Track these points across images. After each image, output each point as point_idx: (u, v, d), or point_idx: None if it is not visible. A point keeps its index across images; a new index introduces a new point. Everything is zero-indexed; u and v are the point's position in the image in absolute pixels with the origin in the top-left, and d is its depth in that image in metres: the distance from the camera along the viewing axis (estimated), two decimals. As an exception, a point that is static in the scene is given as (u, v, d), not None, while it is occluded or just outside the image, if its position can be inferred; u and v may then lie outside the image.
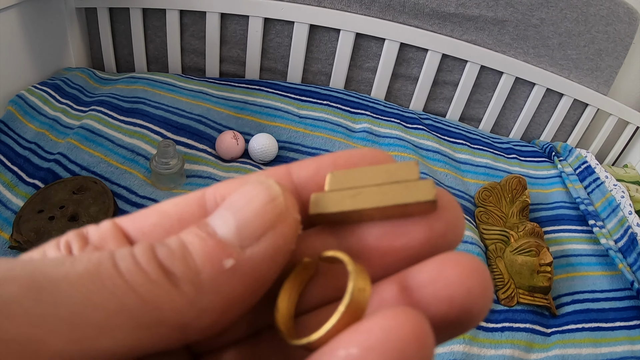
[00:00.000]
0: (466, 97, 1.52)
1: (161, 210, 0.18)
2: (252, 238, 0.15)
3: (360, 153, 0.19)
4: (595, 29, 1.44)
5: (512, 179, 1.20)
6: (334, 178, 0.18)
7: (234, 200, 0.16)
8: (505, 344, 0.93)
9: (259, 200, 0.16)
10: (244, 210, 0.16)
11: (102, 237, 0.17)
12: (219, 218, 0.16)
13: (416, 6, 1.36)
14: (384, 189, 0.17)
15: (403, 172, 0.17)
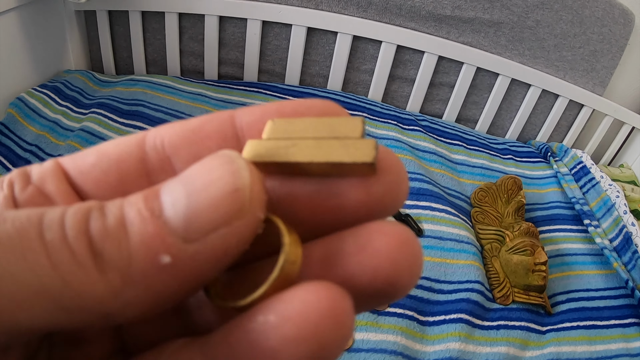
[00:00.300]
0: (462, 98, 1.53)
1: (101, 151, 0.17)
2: (201, 232, 0.13)
3: (310, 103, 0.17)
4: (591, 30, 1.46)
5: (507, 180, 1.22)
6: (275, 126, 0.17)
7: (192, 176, 0.14)
8: (500, 341, 0.94)
9: (220, 186, 0.14)
10: (200, 195, 0.14)
11: (42, 177, 0.16)
12: (169, 193, 0.14)
13: (412, 9, 1.38)
14: (321, 143, 0.16)
15: (346, 128, 0.16)
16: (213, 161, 0.14)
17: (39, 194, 0.16)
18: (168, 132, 0.17)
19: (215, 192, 0.13)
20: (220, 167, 0.14)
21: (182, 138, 0.17)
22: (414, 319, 0.92)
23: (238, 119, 0.17)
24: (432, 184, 1.20)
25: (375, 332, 0.87)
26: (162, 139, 0.17)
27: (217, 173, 0.14)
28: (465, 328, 0.92)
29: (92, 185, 0.17)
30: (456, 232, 1.09)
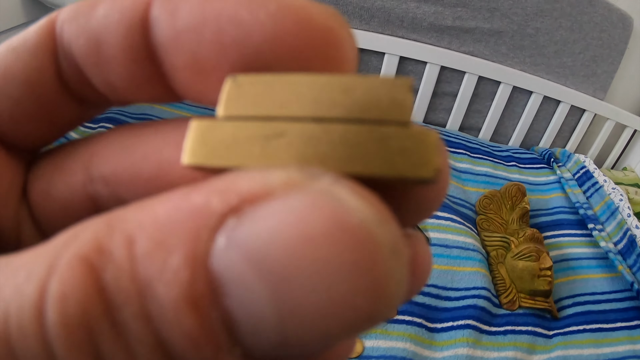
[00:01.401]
0: (465, 107, 1.55)
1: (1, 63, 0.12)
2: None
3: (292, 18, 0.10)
4: (590, 36, 1.47)
5: (511, 187, 1.23)
6: (239, 90, 0.10)
7: (290, 270, 0.07)
8: (508, 346, 0.95)
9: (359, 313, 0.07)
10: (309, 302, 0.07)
11: None
12: (243, 298, 0.07)
13: (414, 20, 1.40)
14: (334, 132, 0.09)
15: (380, 101, 0.09)
16: (331, 242, 0.07)
17: None
18: (73, 31, 0.12)
19: (337, 292, 0.07)
20: (349, 270, 0.07)
21: (87, 50, 0.12)
22: (422, 326, 0.94)
23: (154, 24, 0.11)
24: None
25: (385, 339, 0.89)
26: (70, 45, 0.12)
27: (343, 286, 0.07)
28: (473, 334, 0.94)
29: (7, 117, 0.13)
30: (462, 240, 1.11)
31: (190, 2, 0.10)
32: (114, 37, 0.11)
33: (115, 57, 0.11)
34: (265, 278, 0.07)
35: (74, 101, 0.13)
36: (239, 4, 0.10)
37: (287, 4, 0.10)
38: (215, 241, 0.07)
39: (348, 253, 0.07)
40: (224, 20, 0.10)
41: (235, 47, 0.10)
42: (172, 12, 0.11)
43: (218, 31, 0.10)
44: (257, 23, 0.10)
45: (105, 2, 0.11)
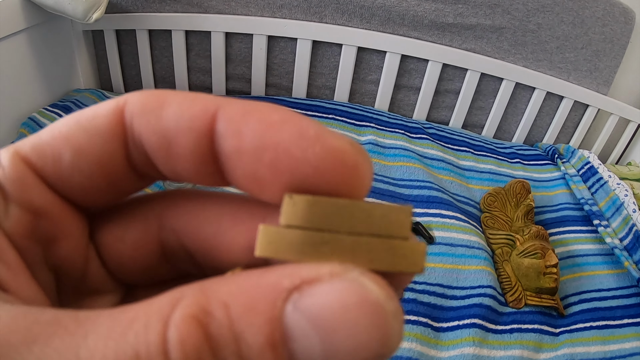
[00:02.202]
0: (468, 104, 1.55)
1: (75, 147, 0.14)
2: None
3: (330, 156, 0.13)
4: (592, 31, 1.47)
5: (515, 184, 1.23)
6: (295, 208, 0.13)
7: (329, 326, 0.11)
8: (514, 344, 0.95)
9: (367, 355, 0.11)
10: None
11: (16, 186, 0.14)
12: (302, 348, 0.11)
13: (415, 18, 1.39)
14: (361, 243, 0.13)
15: (390, 222, 0.13)
16: (359, 313, 0.11)
17: (27, 215, 0.14)
18: (143, 125, 0.14)
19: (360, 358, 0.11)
20: (370, 331, 0.11)
21: (157, 144, 0.14)
22: (428, 325, 0.93)
23: (221, 140, 0.14)
24: (442, 191, 1.22)
25: (391, 340, 0.89)
26: (140, 135, 0.14)
27: (364, 339, 0.11)
28: (479, 333, 0.93)
29: (77, 188, 0.15)
30: (467, 238, 1.10)
31: (252, 128, 0.13)
32: (185, 141, 0.14)
33: (184, 156, 0.14)
34: (317, 330, 0.11)
35: (138, 177, 0.15)
36: (292, 141, 0.13)
37: (328, 146, 0.13)
38: (286, 307, 0.11)
39: (369, 317, 0.11)
40: (280, 151, 0.13)
41: (287, 172, 0.13)
42: (236, 132, 0.13)
43: (274, 159, 0.13)
44: (306, 159, 0.13)
45: (173, 104, 0.14)
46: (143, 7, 1.36)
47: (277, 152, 0.13)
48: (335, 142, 0.13)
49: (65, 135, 0.14)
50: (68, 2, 1.10)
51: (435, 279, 1.02)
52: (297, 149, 0.13)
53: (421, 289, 1.00)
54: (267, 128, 0.13)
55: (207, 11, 1.37)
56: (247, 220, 0.15)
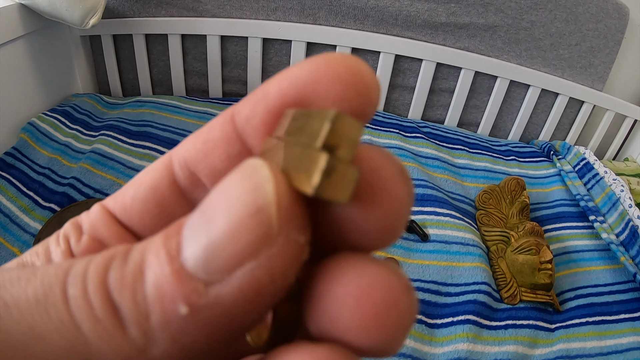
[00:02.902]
0: (463, 103, 1.55)
1: (136, 182, 0.17)
2: (222, 271, 0.11)
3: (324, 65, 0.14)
4: (586, 27, 1.47)
5: (510, 181, 1.23)
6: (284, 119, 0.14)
7: (211, 202, 0.12)
8: (509, 340, 0.95)
9: (239, 209, 0.11)
10: (217, 224, 0.11)
11: (92, 223, 0.17)
12: (190, 227, 0.12)
13: (408, 18, 1.40)
14: (292, 147, 0.13)
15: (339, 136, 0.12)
16: (233, 178, 0.12)
17: (93, 241, 0.17)
18: (187, 148, 0.16)
19: (233, 217, 0.11)
20: (239, 184, 0.12)
21: (197, 152, 0.16)
22: (422, 322, 0.94)
23: (237, 116, 0.15)
24: (436, 190, 1.22)
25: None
26: (184, 156, 0.16)
27: (234, 193, 0.11)
28: (473, 329, 0.94)
29: (137, 218, 0.17)
30: (461, 235, 1.11)
31: (258, 89, 0.15)
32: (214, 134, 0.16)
33: (216, 145, 0.16)
34: (201, 209, 0.12)
35: (184, 201, 0.17)
36: (288, 68, 0.14)
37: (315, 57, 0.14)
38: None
39: (246, 203, 0.11)
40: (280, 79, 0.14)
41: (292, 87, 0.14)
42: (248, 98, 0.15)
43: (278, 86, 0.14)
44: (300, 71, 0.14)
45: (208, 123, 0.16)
46: (139, 12, 1.37)
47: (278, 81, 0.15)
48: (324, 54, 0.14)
49: (132, 179, 0.17)
50: (65, 8, 1.11)
51: (429, 276, 1.03)
52: (291, 68, 0.14)
53: (415, 286, 1.00)
54: (269, 80, 0.15)
55: (203, 15, 1.39)
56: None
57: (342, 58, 0.14)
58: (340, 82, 0.13)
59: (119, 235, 0.17)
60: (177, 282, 0.11)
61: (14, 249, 0.93)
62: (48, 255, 0.16)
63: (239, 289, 0.11)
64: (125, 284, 0.12)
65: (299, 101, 0.14)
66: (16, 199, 1.02)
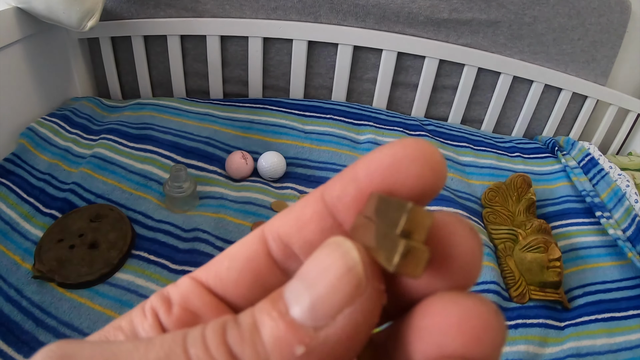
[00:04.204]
0: (466, 99, 1.54)
1: (231, 255, 0.19)
2: (327, 317, 0.14)
3: (403, 149, 0.16)
4: (588, 22, 1.46)
5: (516, 178, 1.22)
6: (370, 201, 0.17)
7: (308, 270, 0.15)
8: (519, 340, 0.94)
9: (334, 271, 0.14)
10: (318, 285, 0.14)
11: (183, 297, 0.18)
12: (292, 292, 0.15)
13: (410, 15, 1.39)
14: (379, 231, 0.15)
15: (414, 224, 0.15)
16: (323, 251, 0.15)
17: (184, 312, 0.18)
18: (280, 224, 0.18)
19: (331, 277, 0.14)
20: (330, 254, 0.15)
21: (291, 227, 0.18)
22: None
23: (327, 194, 0.18)
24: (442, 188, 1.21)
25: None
26: (278, 231, 0.18)
27: (328, 260, 0.15)
28: (483, 329, 0.93)
29: (232, 287, 0.18)
30: (468, 234, 1.10)
31: (346, 171, 0.17)
32: (307, 211, 0.18)
33: (309, 220, 0.18)
34: (300, 279, 0.15)
35: (278, 270, 0.19)
36: (372, 152, 0.17)
37: (395, 142, 0.16)
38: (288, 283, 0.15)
39: (340, 266, 0.14)
40: (367, 162, 0.17)
41: (378, 170, 0.16)
42: (338, 179, 0.17)
43: (366, 169, 0.17)
44: (383, 155, 0.16)
45: (299, 202, 0.18)
46: (138, 14, 1.36)
47: (365, 164, 0.17)
48: (403, 139, 0.16)
49: (226, 252, 0.19)
50: (62, 10, 1.10)
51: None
52: (375, 152, 0.17)
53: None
54: (356, 163, 0.17)
55: (202, 15, 1.37)
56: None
57: (417, 143, 0.16)
58: (417, 164, 0.16)
59: (213, 305, 0.18)
60: (291, 331, 0.14)
61: (16, 257, 0.92)
62: (133, 328, 0.18)
63: (341, 329, 0.14)
64: (244, 339, 0.14)
65: (384, 181, 0.16)
66: (17, 205, 1.01)
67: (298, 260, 0.18)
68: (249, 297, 0.19)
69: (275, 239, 0.18)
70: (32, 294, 0.86)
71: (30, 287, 0.87)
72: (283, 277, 0.19)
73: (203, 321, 0.18)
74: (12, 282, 0.87)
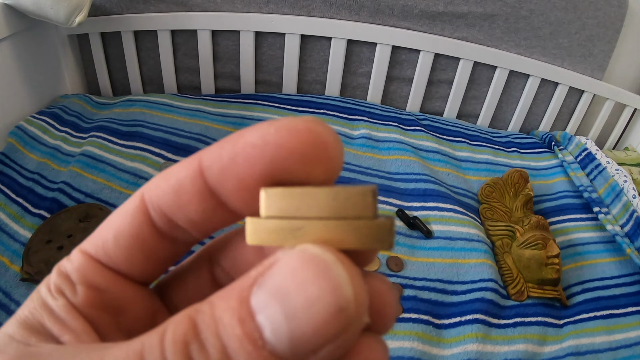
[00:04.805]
0: (462, 94, 1.53)
1: (114, 228, 0.18)
2: (309, 354, 0.13)
3: (287, 135, 0.15)
4: (585, 15, 1.45)
5: (513, 173, 1.21)
6: (270, 200, 0.15)
7: (284, 289, 0.13)
8: (518, 339, 0.93)
9: (322, 310, 0.13)
10: (301, 319, 0.13)
11: (81, 273, 0.18)
12: (266, 314, 0.13)
13: (405, 8, 1.37)
14: (330, 226, 0.15)
15: (355, 204, 0.15)
16: (305, 271, 0.13)
17: (89, 291, 0.18)
18: (161, 194, 0.17)
19: (317, 316, 0.13)
20: (317, 282, 0.13)
21: (172, 202, 0.17)
22: (429, 322, 0.91)
23: (207, 172, 0.16)
24: (438, 184, 1.20)
25: (391, 339, 0.87)
26: (159, 203, 0.17)
27: (314, 291, 0.13)
28: (481, 328, 0.91)
29: (124, 263, 0.18)
30: (466, 231, 1.08)
31: (225, 147, 0.16)
32: (186, 187, 0.17)
33: (190, 200, 0.17)
34: (275, 298, 0.13)
35: (167, 242, 0.19)
36: (255, 134, 0.15)
37: (281, 125, 0.15)
38: (252, 290, 0.13)
39: (312, 270, 0.13)
40: (248, 147, 0.15)
41: (259, 163, 0.15)
42: (216, 158, 0.16)
43: (246, 155, 0.15)
44: (266, 144, 0.15)
45: (175, 167, 0.17)
46: (127, 8, 1.33)
47: (246, 149, 0.15)
48: (288, 121, 0.15)
49: (108, 223, 0.18)
50: (50, 6, 1.07)
51: (435, 275, 1.00)
52: (257, 138, 0.15)
53: (421, 285, 0.98)
54: (235, 139, 0.16)
55: (192, 9, 1.35)
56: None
57: (306, 131, 0.15)
58: (305, 161, 0.15)
59: (113, 280, 0.18)
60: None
61: (4, 259, 0.90)
62: (49, 310, 0.17)
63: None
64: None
65: (268, 173, 0.16)
66: (5, 206, 0.99)
67: (185, 232, 0.18)
68: (142, 270, 0.19)
69: (157, 211, 0.17)
70: (21, 297, 0.84)
71: (19, 289, 0.85)
72: (171, 245, 0.19)
73: (108, 297, 0.18)
74: (0, 285, 0.85)
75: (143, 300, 0.19)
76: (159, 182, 0.17)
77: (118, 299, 0.18)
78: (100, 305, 0.18)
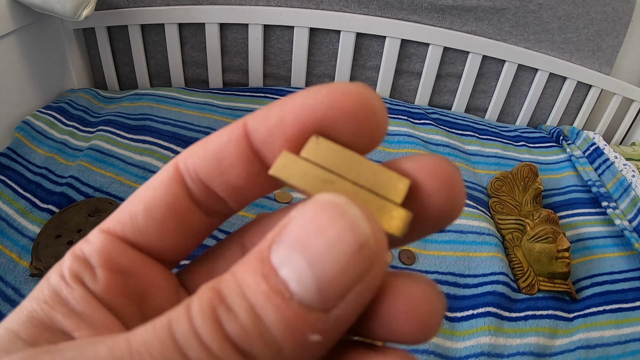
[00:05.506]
0: (470, 88, 1.52)
1: (144, 201, 0.17)
2: (337, 298, 0.13)
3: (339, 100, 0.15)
4: (594, 10, 1.44)
5: (523, 167, 1.20)
6: (316, 147, 0.16)
7: (304, 237, 0.13)
8: (529, 332, 0.93)
9: (344, 248, 0.13)
10: (324, 263, 0.13)
11: (103, 256, 0.16)
12: (289, 266, 0.13)
13: (414, 1, 1.36)
14: (359, 193, 0.15)
15: (389, 187, 0.15)
16: (321, 216, 0.13)
17: (112, 275, 0.16)
18: (199, 162, 0.17)
19: (339, 256, 0.13)
20: (334, 224, 0.13)
21: (212, 168, 0.17)
22: (442, 316, 0.91)
23: (252, 134, 0.16)
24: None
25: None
26: (197, 171, 0.17)
27: (333, 232, 0.13)
28: (494, 321, 0.91)
29: (155, 238, 0.17)
30: (476, 225, 1.08)
31: (273, 110, 0.16)
32: (229, 151, 0.16)
33: (232, 164, 0.16)
34: (297, 248, 0.13)
35: (203, 213, 0.18)
36: (305, 95, 0.16)
37: (333, 88, 0.15)
38: (271, 248, 0.13)
39: (332, 216, 0.13)
40: (297, 107, 0.15)
41: (309, 122, 0.15)
42: (263, 120, 0.16)
43: (295, 115, 0.15)
44: (319, 103, 0.15)
45: (214, 135, 0.17)
46: (134, 2, 1.33)
47: (295, 110, 0.15)
48: (340, 84, 0.16)
49: (137, 197, 0.17)
50: (56, 0, 1.07)
51: (446, 268, 1.00)
52: (308, 98, 0.15)
53: (433, 278, 0.98)
54: (283, 102, 0.16)
55: (200, 2, 1.34)
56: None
57: (357, 94, 0.15)
58: (355, 121, 0.15)
59: (138, 261, 0.17)
60: (302, 319, 0.13)
61: (13, 255, 0.89)
62: (62, 302, 0.16)
63: (352, 307, 0.13)
64: (249, 333, 0.13)
65: (317, 132, 0.16)
66: (13, 201, 0.98)
67: (221, 202, 0.18)
68: (174, 245, 0.18)
69: (194, 180, 0.17)
70: (30, 292, 0.84)
71: (28, 285, 0.85)
72: (206, 217, 0.18)
73: (133, 282, 0.17)
74: (9, 281, 0.85)
75: (168, 286, 0.18)
76: (196, 150, 0.17)
77: (143, 284, 0.17)
78: (124, 291, 0.17)
